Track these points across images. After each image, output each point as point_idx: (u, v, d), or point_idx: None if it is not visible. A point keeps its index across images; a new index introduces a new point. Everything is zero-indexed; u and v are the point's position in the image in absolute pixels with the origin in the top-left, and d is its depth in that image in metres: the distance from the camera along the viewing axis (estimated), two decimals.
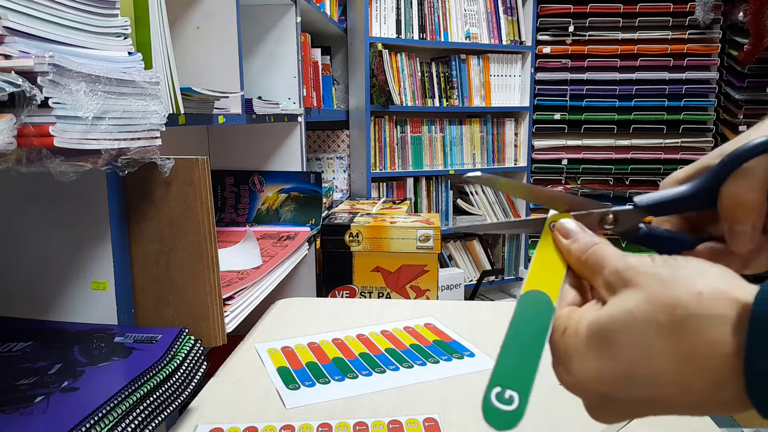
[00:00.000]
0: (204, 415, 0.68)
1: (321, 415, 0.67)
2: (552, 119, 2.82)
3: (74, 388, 0.58)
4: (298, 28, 1.60)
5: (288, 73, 1.63)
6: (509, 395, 0.26)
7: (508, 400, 0.26)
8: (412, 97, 2.63)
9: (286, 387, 0.74)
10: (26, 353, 0.67)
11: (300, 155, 1.68)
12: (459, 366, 0.80)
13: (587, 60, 2.74)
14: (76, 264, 0.74)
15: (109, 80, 0.60)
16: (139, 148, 0.66)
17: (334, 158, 2.56)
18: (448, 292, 2.43)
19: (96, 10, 0.62)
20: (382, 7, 2.52)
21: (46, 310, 0.76)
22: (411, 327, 0.94)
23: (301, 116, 1.66)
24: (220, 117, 1.09)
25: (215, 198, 1.57)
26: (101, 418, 0.53)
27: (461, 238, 2.89)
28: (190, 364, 0.69)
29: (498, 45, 2.77)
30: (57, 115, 0.52)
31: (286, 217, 1.56)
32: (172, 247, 0.79)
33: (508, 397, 0.26)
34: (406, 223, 1.65)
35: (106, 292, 0.74)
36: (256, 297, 1.04)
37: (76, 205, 0.73)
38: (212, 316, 0.80)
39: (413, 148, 2.68)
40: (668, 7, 2.67)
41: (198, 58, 1.18)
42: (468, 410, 0.68)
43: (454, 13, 2.69)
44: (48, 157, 0.53)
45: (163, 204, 0.79)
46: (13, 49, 0.51)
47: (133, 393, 0.58)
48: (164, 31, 0.83)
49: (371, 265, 1.63)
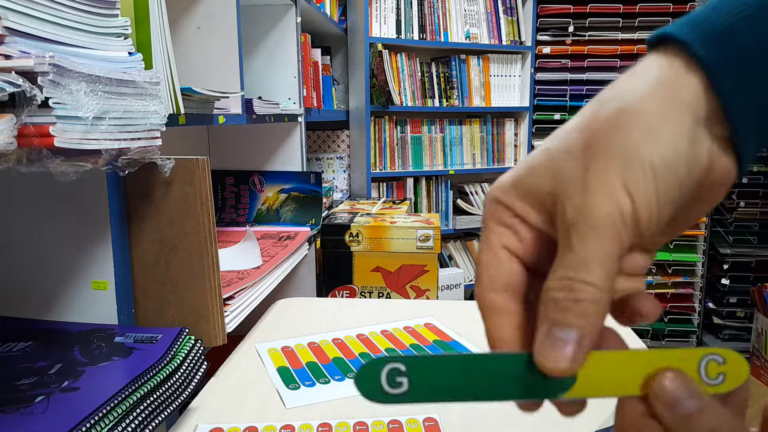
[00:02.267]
0: (204, 415, 0.68)
1: (321, 415, 0.67)
2: (552, 119, 2.82)
3: (74, 388, 0.58)
4: (298, 28, 1.60)
5: (288, 73, 1.63)
6: (401, 381, 0.24)
7: (398, 383, 0.24)
8: (412, 97, 2.63)
9: (286, 387, 0.74)
10: (26, 353, 0.67)
11: (300, 155, 1.68)
12: None
13: (587, 60, 2.74)
14: (77, 264, 0.74)
15: (110, 80, 0.60)
16: (139, 148, 0.66)
17: (334, 158, 2.56)
18: (448, 292, 2.43)
19: (96, 10, 0.62)
20: (382, 7, 2.52)
21: (47, 310, 0.76)
22: (411, 327, 0.94)
23: (301, 116, 1.66)
24: (221, 117, 1.09)
25: (215, 198, 1.57)
26: (101, 418, 0.53)
27: (461, 238, 2.89)
28: (191, 364, 0.69)
29: (498, 45, 2.77)
30: (57, 115, 0.53)
31: (286, 217, 1.56)
32: (173, 247, 0.79)
33: (399, 381, 0.24)
34: (406, 223, 1.65)
35: (106, 292, 0.75)
36: (256, 297, 1.04)
37: (76, 206, 0.73)
38: (212, 316, 0.80)
39: (413, 148, 2.68)
40: (668, 8, 2.67)
41: (198, 58, 1.18)
42: (468, 410, 0.68)
43: (454, 13, 2.69)
44: (48, 157, 0.53)
45: (164, 204, 0.79)
46: (14, 49, 0.51)
47: (134, 393, 0.58)
48: (164, 31, 0.83)
49: (371, 265, 1.63)
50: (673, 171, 0.24)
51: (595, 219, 0.23)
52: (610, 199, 0.23)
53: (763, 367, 2.52)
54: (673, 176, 0.24)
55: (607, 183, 0.23)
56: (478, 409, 0.69)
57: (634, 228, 0.24)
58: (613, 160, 0.24)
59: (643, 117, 0.24)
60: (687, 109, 0.24)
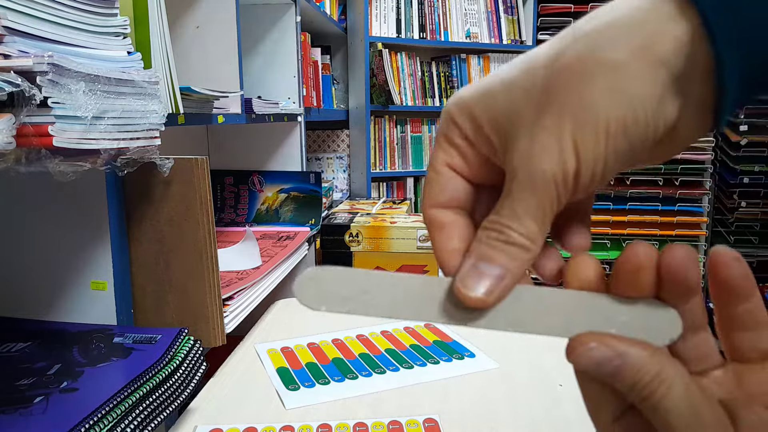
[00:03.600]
0: (203, 416, 0.68)
1: (320, 416, 0.67)
2: None
3: (73, 388, 0.57)
4: (298, 27, 1.60)
5: (288, 73, 1.63)
6: None
7: None
8: (412, 97, 2.62)
9: (286, 387, 0.74)
10: (25, 353, 0.66)
11: (300, 155, 1.68)
12: (459, 366, 0.80)
13: None
14: (76, 264, 0.74)
15: (109, 80, 0.60)
16: (138, 147, 0.66)
17: (334, 158, 2.56)
18: None
19: (95, 9, 0.62)
20: (382, 6, 2.52)
21: (46, 311, 0.76)
22: (411, 327, 0.94)
23: (301, 116, 1.66)
24: (220, 117, 1.09)
25: (215, 198, 1.57)
26: (100, 418, 0.53)
27: None
28: (190, 365, 0.69)
29: (498, 44, 2.77)
30: (56, 114, 0.52)
31: (286, 217, 1.56)
32: (172, 247, 0.79)
33: None
34: (406, 223, 1.65)
35: (105, 293, 0.74)
36: (256, 297, 1.04)
37: (75, 205, 0.73)
38: (212, 317, 0.80)
39: (413, 147, 2.68)
40: None
41: (197, 57, 1.17)
42: (468, 411, 0.68)
43: (455, 12, 2.69)
44: (47, 157, 0.52)
45: (163, 204, 0.79)
46: (13, 49, 0.50)
47: (133, 393, 0.58)
48: (164, 30, 0.83)
49: (371, 265, 1.63)
50: (630, 134, 0.22)
51: (535, 173, 0.23)
52: (556, 156, 0.23)
53: None
54: (629, 138, 0.22)
55: (556, 138, 0.23)
56: (479, 409, 0.69)
57: (573, 187, 0.23)
58: (569, 114, 0.22)
59: (610, 70, 0.22)
60: (664, 65, 0.22)
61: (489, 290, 0.24)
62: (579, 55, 0.23)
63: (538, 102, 0.23)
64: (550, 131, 0.23)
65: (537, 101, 0.23)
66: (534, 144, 0.23)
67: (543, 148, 0.23)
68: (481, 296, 0.24)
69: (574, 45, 0.23)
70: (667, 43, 0.22)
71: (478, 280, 0.24)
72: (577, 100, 0.22)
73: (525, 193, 0.23)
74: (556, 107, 0.23)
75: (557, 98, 0.23)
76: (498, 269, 0.24)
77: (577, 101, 0.22)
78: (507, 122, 0.24)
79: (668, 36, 0.22)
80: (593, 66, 0.22)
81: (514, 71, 0.25)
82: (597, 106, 0.22)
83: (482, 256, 0.24)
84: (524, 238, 0.24)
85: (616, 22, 0.23)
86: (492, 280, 0.24)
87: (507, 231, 0.24)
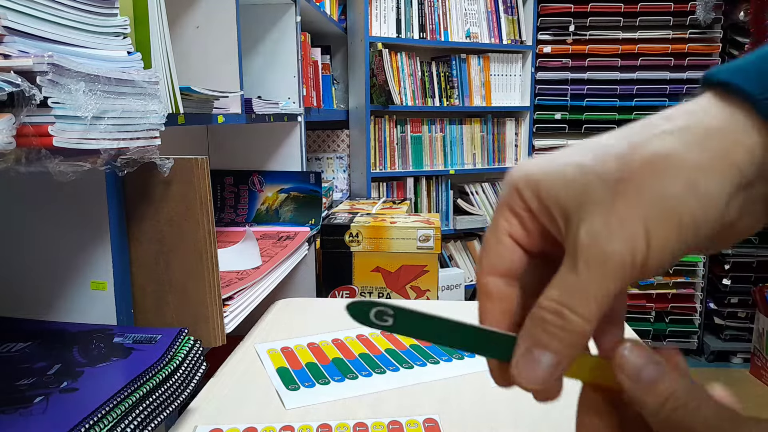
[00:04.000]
0: (203, 416, 0.68)
1: (320, 416, 0.67)
2: (552, 119, 2.81)
3: (73, 388, 0.57)
4: (298, 27, 1.60)
5: (288, 73, 1.63)
6: (387, 318, 0.28)
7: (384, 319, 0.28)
8: (412, 97, 2.62)
9: (286, 387, 0.74)
10: (25, 353, 0.66)
11: (300, 155, 1.68)
12: (459, 366, 0.80)
13: (588, 59, 2.74)
14: (76, 264, 0.74)
15: (109, 80, 0.60)
16: (138, 147, 0.66)
17: (334, 158, 2.56)
18: (448, 292, 2.43)
19: (95, 9, 0.62)
20: (382, 6, 2.52)
21: (46, 310, 0.76)
22: None
23: (301, 116, 1.66)
24: (220, 117, 1.09)
25: (215, 198, 1.57)
26: (100, 418, 0.53)
27: (461, 238, 2.89)
28: (190, 365, 0.69)
29: (498, 44, 2.77)
30: (56, 114, 0.52)
31: (286, 217, 1.56)
32: (172, 247, 0.79)
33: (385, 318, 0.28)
34: (406, 223, 1.65)
35: (105, 293, 0.74)
36: (256, 297, 1.04)
37: (75, 205, 0.73)
38: (212, 317, 0.80)
39: (413, 147, 2.68)
40: (669, 7, 2.66)
41: (197, 57, 1.18)
42: (468, 411, 0.68)
43: (455, 12, 2.69)
44: (47, 157, 0.52)
45: (163, 204, 0.79)
46: (13, 49, 0.50)
47: (133, 393, 0.58)
48: (164, 30, 0.83)
49: (371, 265, 1.63)
50: (699, 228, 0.24)
51: (606, 255, 0.24)
52: (629, 241, 0.23)
53: (764, 367, 2.52)
54: (696, 232, 0.24)
55: (630, 223, 0.24)
56: (478, 409, 0.69)
57: (640, 272, 0.24)
58: (644, 203, 0.24)
59: (688, 169, 0.23)
60: (736, 169, 0.24)
61: (543, 380, 0.25)
62: (657, 153, 0.24)
63: (614, 188, 0.24)
64: (624, 216, 0.24)
65: (613, 188, 0.24)
66: (606, 227, 0.24)
67: (615, 232, 0.24)
68: (537, 386, 0.25)
69: (652, 141, 0.24)
70: (741, 151, 0.24)
71: (533, 370, 0.25)
72: (654, 192, 0.24)
73: (591, 272, 0.24)
74: (633, 195, 0.24)
75: (635, 187, 0.24)
76: (552, 358, 0.25)
77: (655, 193, 0.24)
78: (575, 202, 0.25)
79: (743, 146, 0.24)
80: (672, 165, 0.24)
81: (588, 157, 0.26)
82: (674, 200, 0.23)
83: (537, 343, 0.25)
84: (584, 321, 0.24)
85: (695, 128, 0.24)
86: (546, 370, 0.25)
87: (566, 313, 0.24)
